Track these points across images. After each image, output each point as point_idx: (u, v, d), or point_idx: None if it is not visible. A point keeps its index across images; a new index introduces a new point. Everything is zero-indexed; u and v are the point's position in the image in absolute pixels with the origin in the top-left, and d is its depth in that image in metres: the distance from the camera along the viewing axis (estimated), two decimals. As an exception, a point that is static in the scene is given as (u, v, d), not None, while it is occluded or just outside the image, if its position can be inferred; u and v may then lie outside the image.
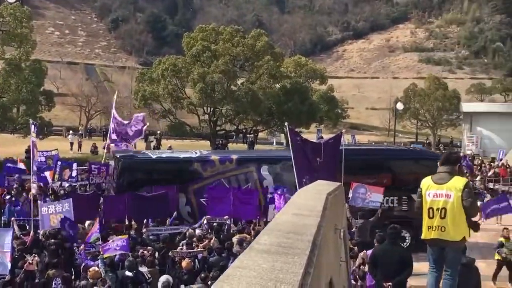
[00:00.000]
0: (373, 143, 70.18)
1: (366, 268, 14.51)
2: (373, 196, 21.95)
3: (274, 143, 72.32)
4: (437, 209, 7.85)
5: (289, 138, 21.38)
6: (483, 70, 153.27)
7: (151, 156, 24.65)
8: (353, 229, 20.73)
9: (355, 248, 18.37)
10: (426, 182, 8.15)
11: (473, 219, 8.59)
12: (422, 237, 8.89)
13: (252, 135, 60.61)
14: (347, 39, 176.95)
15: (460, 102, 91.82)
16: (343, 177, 19.91)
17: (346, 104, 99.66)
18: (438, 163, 8.82)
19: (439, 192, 7.74)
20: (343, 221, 11.32)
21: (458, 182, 7.72)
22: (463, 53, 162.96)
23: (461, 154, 51.20)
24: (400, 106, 66.90)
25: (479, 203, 17.26)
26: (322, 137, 44.69)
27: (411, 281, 15.95)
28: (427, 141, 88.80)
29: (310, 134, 75.61)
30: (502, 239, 18.40)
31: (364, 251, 15.90)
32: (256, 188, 22.61)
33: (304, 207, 6.80)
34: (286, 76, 57.07)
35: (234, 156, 23.72)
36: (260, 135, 68.77)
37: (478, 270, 11.37)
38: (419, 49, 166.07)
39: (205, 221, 19.74)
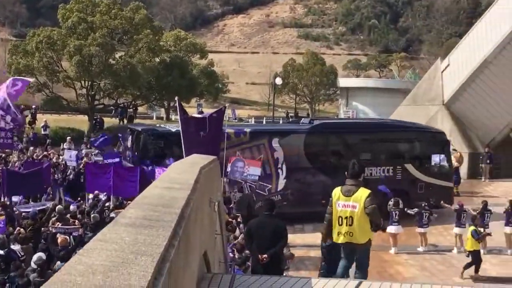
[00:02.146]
0: (253, 118, 70.97)
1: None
2: (251, 170, 22.22)
3: (154, 118, 71.64)
4: (345, 217, 9.00)
5: (178, 112, 21.41)
6: (359, 47, 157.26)
7: (171, 129, 24.94)
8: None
9: (234, 221, 18.55)
10: (336, 193, 9.25)
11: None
12: (334, 240, 10.06)
13: (131, 109, 59.73)
14: (228, 13, 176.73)
15: (337, 77, 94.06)
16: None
17: (226, 78, 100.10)
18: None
19: (347, 203, 8.89)
20: (219, 194, 11.37)
21: (363, 193, 8.87)
22: (340, 30, 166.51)
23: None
24: (279, 81, 67.71)
25: None
26: (202, 112, 44.69)
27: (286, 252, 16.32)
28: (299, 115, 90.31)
29: (190, 109, 75.50)
30: None
31: None
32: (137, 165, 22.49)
33: (176, 180, 6.79)
34: (166, 50, 56.53)
35: (247, 129, 24.80)
36: (140, 109, 67.95)
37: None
38: (298, 25, 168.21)
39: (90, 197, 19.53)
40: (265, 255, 11.73)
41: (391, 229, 20.73)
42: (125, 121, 53.15)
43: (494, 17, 36.16)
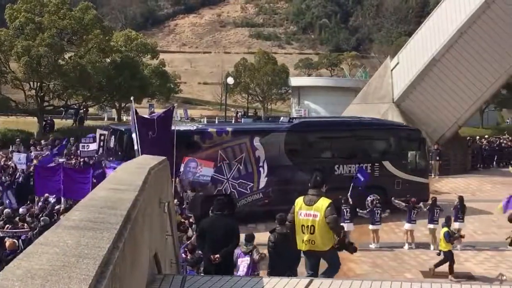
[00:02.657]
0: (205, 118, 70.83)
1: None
2: (204, 170, 22.19)
3: (106, 119, 70.90)
4: (307, 226, 9.30)
5: (131, 113, 21.40)
6: (311, 46, 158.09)
7: None
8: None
9: (186, 221, 18.47)
10: (299, 202, 9.59)
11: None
12: (298, 248, 10.33)
13: (82, 111, 59.02)
14: (179, 13, 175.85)
15: (288, 76, 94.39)
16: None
17: (178, 78, 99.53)
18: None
19: (309, 212, 9.20)
20: (169, 194, 11.29)
21: (324, 203, 9.18)
22: (291, 29, 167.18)
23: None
24: (231, 80, 67.69)
25: None
26: (154, 112, 44.41)
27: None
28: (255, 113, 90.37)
29: (142, 109, 74.98)
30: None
31: None
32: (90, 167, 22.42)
33: (123, 181, 6.71)
34: (117, 50, 55.92)
35: (229, 128, 25.34)
36: (91, 110, 67.22)
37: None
38: (249, 25, 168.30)
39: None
40: (217, 255, 11.71)
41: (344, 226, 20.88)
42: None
43: (441, 17, 36.73)
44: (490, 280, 16.27)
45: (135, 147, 19.64)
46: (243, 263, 12.71)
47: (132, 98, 23.13)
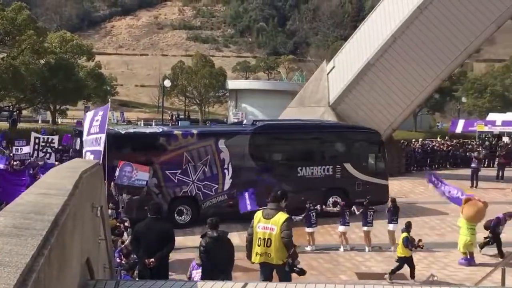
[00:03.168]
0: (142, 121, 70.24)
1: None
2: (139, 175, 22.01)
3: (40, 121, 69.62)
4: (264, 239, 9.65)
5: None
6: (248, 49, 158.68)
7: (121, 131, 25.53)
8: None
9: (122, 225, 18.23)
10: (258, 216, 9.89)
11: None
12: (252, 261, 10.69)
13: (15, 113, 57.81)
14: (115, 15, 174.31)
15: (226, 79, 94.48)
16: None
17: (115, 81, 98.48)
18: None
19: (266, 226, 9.54)
20: (102, 198, 11.12)
21: (281, 217, 9.48)
22: (229, 32, 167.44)
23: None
24: (168, 83, 67.34)
25: None
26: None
27: (175, 255, 16.21)
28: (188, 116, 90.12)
29: (77, 112, 73.96)
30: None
31: None
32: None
33: (53, 186, 6.57)
34: (51, 52, 54.98)
35: (195, 131, 25.54)
36: (24, 112, 65.87)
37: (230, 242, 11.79)
38: (187, 27, 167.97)
39: None
40: (152, 259, 11.62)
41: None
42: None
43: (376, 22, 37.27)
44: (422, 281, 16.54)
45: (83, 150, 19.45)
46: (197, 275, 12.64)
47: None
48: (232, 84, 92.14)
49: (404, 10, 35.65)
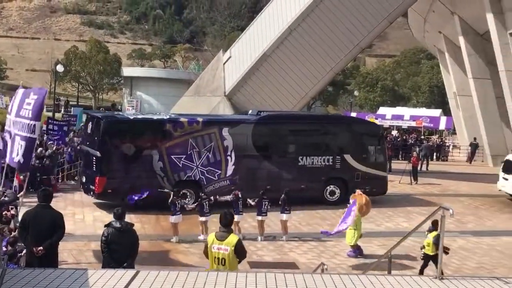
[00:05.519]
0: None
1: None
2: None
3: None
4: (219, 258, 10.43)
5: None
6: (144, 36, 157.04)
7: (129, 117, 27.62)
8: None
9: (8, 213, 17.67)
10: (211, 238, 10.65)
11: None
12: None
13: None
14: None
15: (121, 66, 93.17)
16: None
17: (4, 64, 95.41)
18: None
19: (220, 247, 10.38)
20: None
21: (233, 239, 10.41)
22: (124, 18, 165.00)
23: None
24: (60, 68, 65.49)
25: None
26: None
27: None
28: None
29: (-37, 95, 70.94)
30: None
31: None
32: None
33: None
34: None
35: (200, 119, 26.54)
36: None
37: (134, 233, 11.73)
38: (81, 12, 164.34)
39: None
40: (40, 248, 11.35)
41: (171, 218, 20.87)
42: None
43: (272, 13, 37.58)
44: (312, 270, 16.86)
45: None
46: None
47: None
48: (127, 71, 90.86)
49: (301, 3, 36.12)
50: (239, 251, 10.64)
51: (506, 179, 31.27)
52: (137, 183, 23.99)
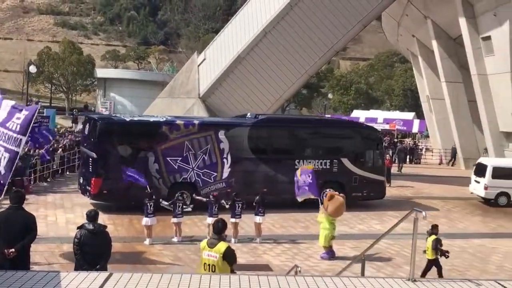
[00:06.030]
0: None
1: None
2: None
3: None
4: (209, 264, 10.59)
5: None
6: (118, 38, 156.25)
7: (125, 119, 27.52)
8: None
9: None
10: (203, 244, 10.77)
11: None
12: None
13: None
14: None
15: (94, 67, 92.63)
16: None
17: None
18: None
19: (210, 253, 10.53)
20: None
21: (222, 246, 10.50)
22: (98, 19, 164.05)
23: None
24: (33, 69, 64.96)
25: None
26: None
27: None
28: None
29: None
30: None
31: None
32: None
33: None
34: None
35: (196, 121, 26.86)
36: None
37: (107, 235, 11.69)
38: (55, 12, 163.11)
39: None
40: (12, 249, 11.24)
41: (145, 221, 20.78)
42: None
43: (248, 16, 37.61)
44: (286, 272, 16.88)
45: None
46: None
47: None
48: (100, 72, 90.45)
49: (275, 5, 36.21)
50: (229, 258, 10.70)
51: (478, 182, 31.63)
52: (133, 185, 23.83)
